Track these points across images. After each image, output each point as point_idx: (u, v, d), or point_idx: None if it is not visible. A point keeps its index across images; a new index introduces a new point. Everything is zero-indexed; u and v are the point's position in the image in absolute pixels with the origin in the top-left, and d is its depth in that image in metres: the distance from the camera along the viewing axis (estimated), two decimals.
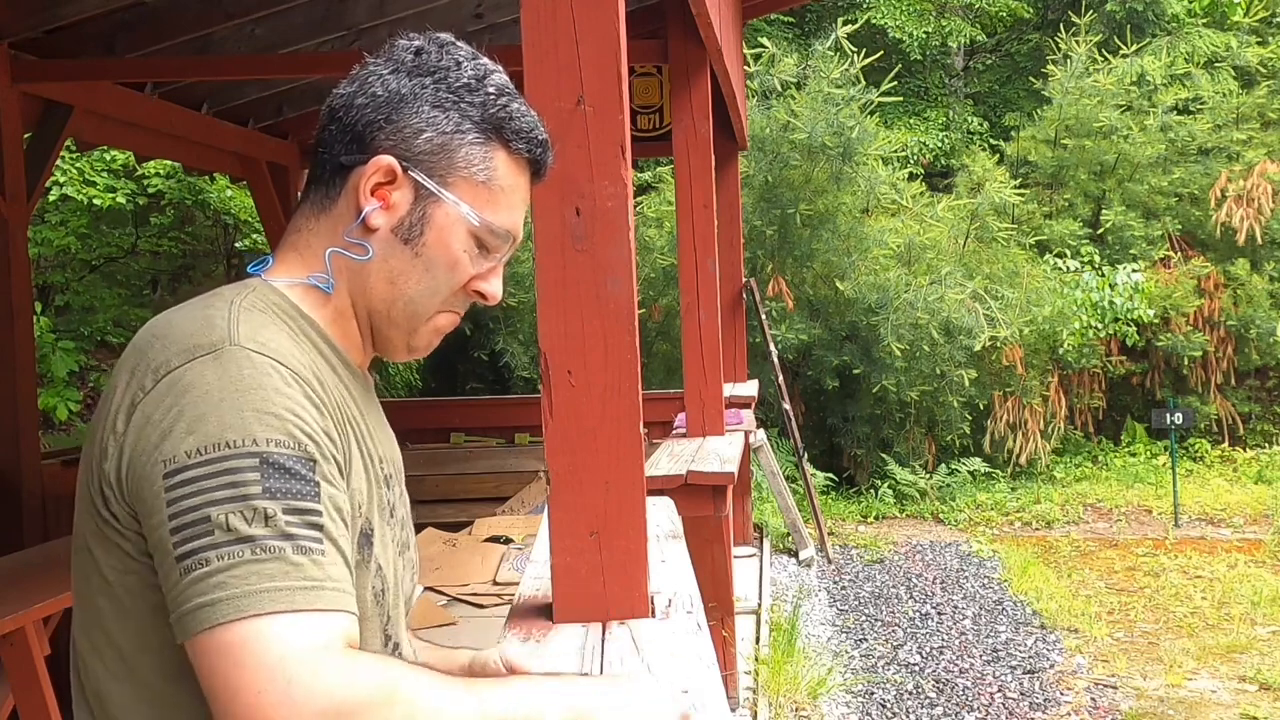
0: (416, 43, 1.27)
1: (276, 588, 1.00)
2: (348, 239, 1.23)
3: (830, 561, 7.99)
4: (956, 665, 5.90)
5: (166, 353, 1.10)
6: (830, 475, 9.86)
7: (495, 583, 5.98)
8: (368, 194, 1.21)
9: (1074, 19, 12.02)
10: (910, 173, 12.57)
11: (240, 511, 1.02)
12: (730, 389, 6.74)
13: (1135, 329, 10.58)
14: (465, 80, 1.24)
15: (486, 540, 6.56)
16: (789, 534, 8.18)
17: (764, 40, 10.88)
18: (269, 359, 1.09)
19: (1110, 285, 10.60)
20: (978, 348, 9.71)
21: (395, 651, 1.23)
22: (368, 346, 1.29)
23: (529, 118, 1.28)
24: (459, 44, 1.28)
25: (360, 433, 1.21)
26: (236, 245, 11.16)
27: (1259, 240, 10.78)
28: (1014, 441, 10.08)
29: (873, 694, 5.54)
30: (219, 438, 1.03)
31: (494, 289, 1.29)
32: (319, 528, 1.04)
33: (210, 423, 1.04)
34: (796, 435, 8.48)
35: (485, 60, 1.28)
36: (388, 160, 1.21)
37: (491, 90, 1.25)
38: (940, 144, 14.74)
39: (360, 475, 1.18)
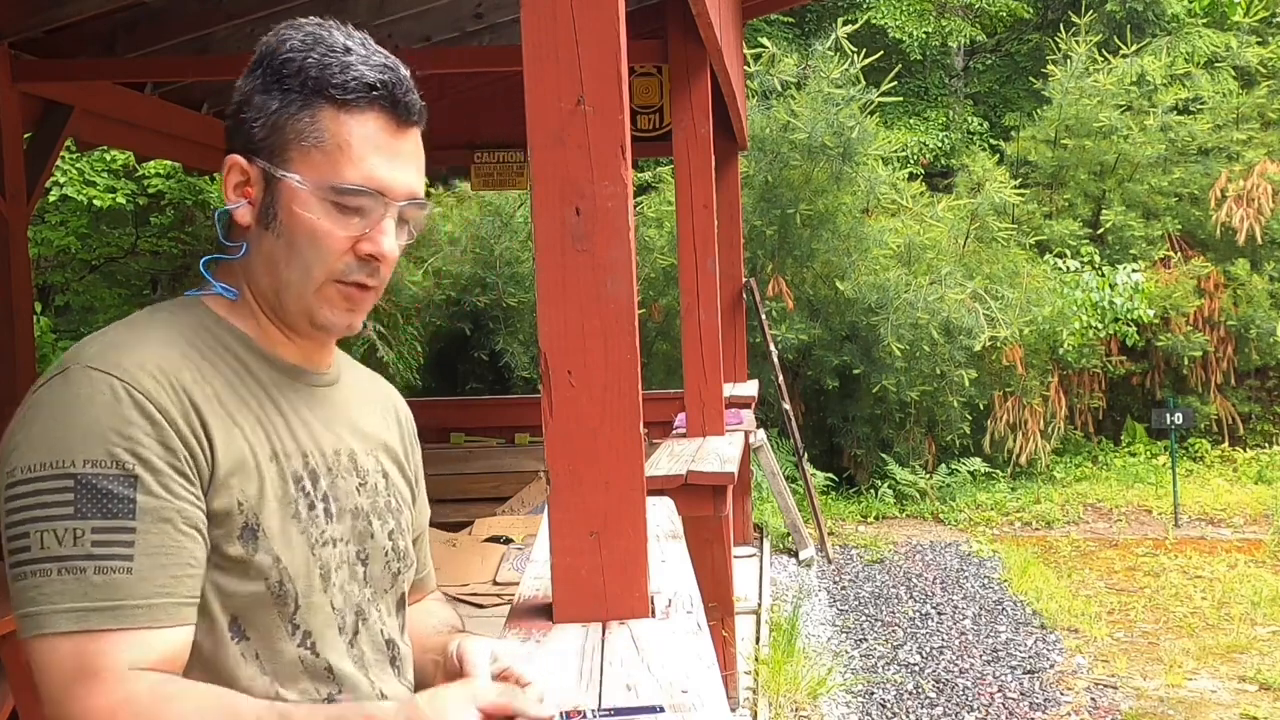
0: (263, 39, 1.29)
1: (72, 608, 1.10)
2: (225, 242, 1.29)
3: (830, 561, 7.99)
4: (956, 665, 5.90)
5: (48, 372, 1.19)
6: (830, 475, 9.85)
7: (495, 583, 5.99)
8: (230, 194, 1.27)
9: (1074, 19, 12.01)
10: (910, 173, 12.57)
11: (53, 531, 1.11)
12: (730, 389, 6.74)
13: (1135, 329, 10.57)
14: (286, 56, 1.25)
15: (486, 540, 6.56)
16: (789, 534, 8.18)
17: (764, 40, 10.88)
18: (109, 375, 1.15)
19: (1110, 285, 10.60)
20: (978, 348, 9.71)
21: (308, 643, 1.25)
22: (293, 336, 1.31)
23: (355, 67, 1.24)
24: (303, 21, 1.27)
25: (265, 432, 1.25)
26: None
27: (1259, 240, 10.78)
28: (1014, 441, 10.07)
29: (873, 694, 5.54)
30: (43, 458, 1.12)
31: (383, 247, 1.26)
32: (130, 545, 1.11)
33: (39, 442, 1.13)
34: (796, 435, 8.48)
35: (323, 31, 1.26)
36: (233, 157, 1.26)
37: (314, 56, 1.24)
38: (940, 144, 14.73)
39: (250, 475, 1.21)
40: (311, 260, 1.25)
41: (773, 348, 8.53)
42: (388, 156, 1.25)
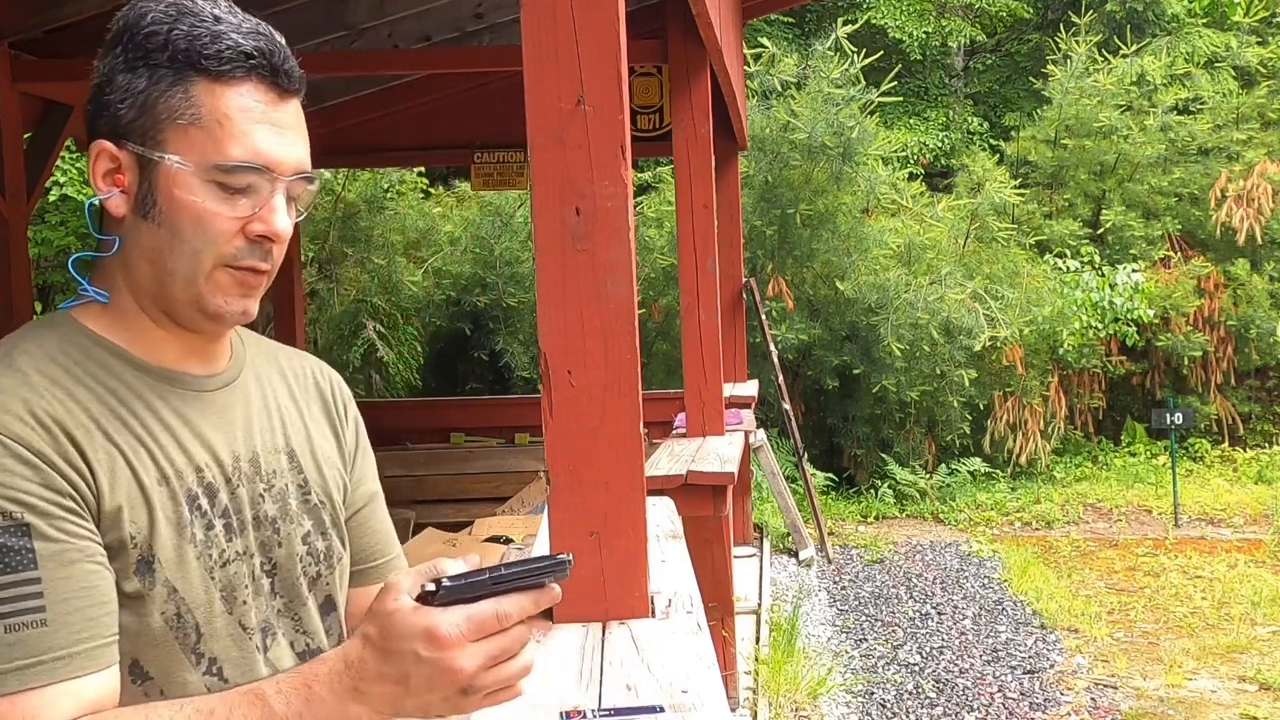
0: (118, 15, 1.21)
1: None
2: (98, 237, 1.21)
3: (830, 561, 7.99)
4: (956, 665, 5.90)
5: None
6: (830, 475, 9.85)
7: None
8: (100, 183, 1.18)
9: (1074, 19, 12.01)
10: (910, 173, 12.57)
11: None
12: (730, 389, 6.74)
13: (1135, 329, 10.57)
14: (149, 29, 1.16)
15: (486, 540, 6.55)
16: (789, 534, 8.18)
17: (764, 40, 10.88)
18: None
19: (1110, 285, 10.60)
20: (978, 348, 9.71)
21: (214, 669, 1.19)
22: (180, 334, 1.22)
23: (228, 36, 1.16)
24: None
25: (150, 453, 1.17)
26: None
27: (1259, 240, 10.77)
28: (1014, 441, 10.07)
29: (873, 694, 5.54)
30: None
31: (275, 226, 1.17)
32: (38, 595, 1.06)
33: None
34: (796, 435, 8.48)
35: (186, 1, 1.18)
36: (102, 143, 1.18)
37: (181, 28, 1.15)
38: (940, 144, 14.73)
39: (139, 504, 1.14)
40: (199, 246, 1.16)
41: (773, 348, 8.53)
42: (271, 129, 1.17)
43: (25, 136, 5.58)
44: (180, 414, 1.21)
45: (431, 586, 1.01)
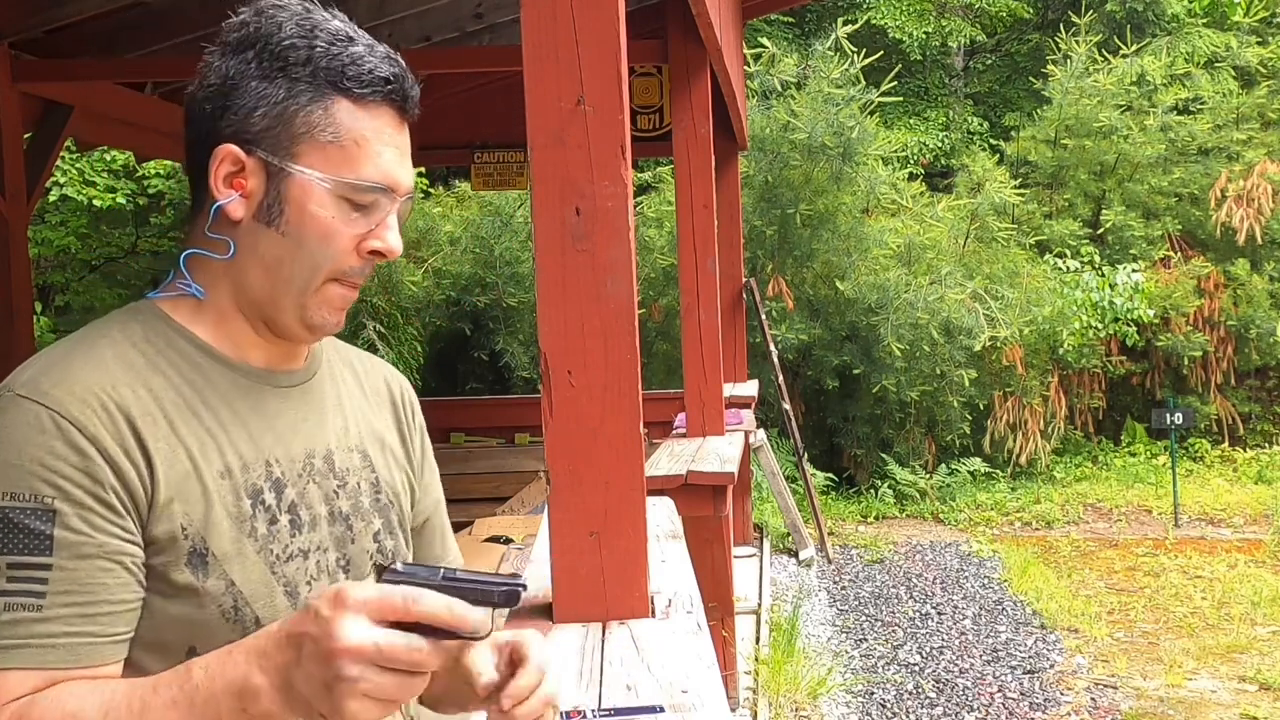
0: (241, 17, 1.22)
1: None
2: (210, 235, 1.21)
3: (830, 561, 7.99)
4: (956, 665, 5.90)
5: None
6: (830, 475, 9.85)
7: None
8: (220, 186, 1.19)
9: (1074, 19, 12.01)
10: (910, 173, 12.57)
11: None
12: (730, 389, 6.74)
13: (1135, 329, 10.57)
14: (288, 42, 1.18)
15: (486, 540, 6.55)
16: (789, 534, 8.18)
17: (764, 40, 10.88)
18: (36, 404, 1.10)
19: (1110, 285, 10.60)
20: (978, 348, 9.71)
21: None
22: (270, 338, 1.25)
23: (367, 60, 1.19)
24: (286, 4, 1.21)
25: (217, 446, 1.19)
26: None
27: (1259, 240, 10.77)
28: (1014, 441, 10.07)
29: (873, 694, 5.54)
30: None
31: (389, 244, 1.22)
32: (42, 581, 1.07)
33: None
34: (796, 435, 8.48)
35: (315, 14, 1.21)
36: (229, 147, 1.18)
37: (320, 45, 1.18)
38: (940, 144, 14.74)
39: (195, 497, 1.16)
40: (321, 259, 1.19)
41: (773, 348, 8.53)
42: (396, 152, 1.22)
43: (25, 136, 5.58)
44: (256, 409, 1.23)
45: (398, 566, 1.01)
